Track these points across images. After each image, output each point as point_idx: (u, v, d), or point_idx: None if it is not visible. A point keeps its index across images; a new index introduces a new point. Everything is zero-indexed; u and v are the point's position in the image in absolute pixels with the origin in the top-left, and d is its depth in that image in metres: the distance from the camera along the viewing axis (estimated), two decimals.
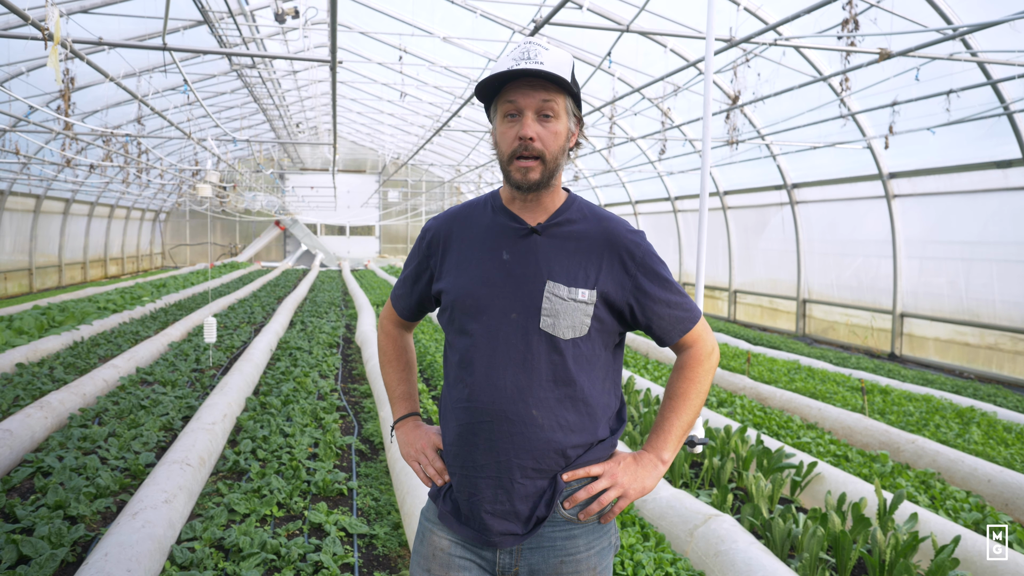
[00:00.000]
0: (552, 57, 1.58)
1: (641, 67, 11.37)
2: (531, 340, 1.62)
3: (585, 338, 1.64)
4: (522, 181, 1.61)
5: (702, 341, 1.73)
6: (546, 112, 1.59)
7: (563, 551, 1.64)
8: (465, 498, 1.67)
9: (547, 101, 1.59)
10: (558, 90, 1.60)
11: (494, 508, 1.63)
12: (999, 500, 4.60)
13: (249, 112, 19.62)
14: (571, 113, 1.65)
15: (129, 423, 5.85)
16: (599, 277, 1.65)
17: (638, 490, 1.65)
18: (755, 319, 14.77)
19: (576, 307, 1.62)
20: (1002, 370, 9.33)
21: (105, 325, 10.87)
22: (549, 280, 1.63)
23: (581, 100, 1.69)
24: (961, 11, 7.66)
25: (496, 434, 1.62)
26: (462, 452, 1.67)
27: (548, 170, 1.62)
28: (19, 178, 15.87)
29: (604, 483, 1.64)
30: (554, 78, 1.55)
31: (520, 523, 1.64)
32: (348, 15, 12.69)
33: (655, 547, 3.54)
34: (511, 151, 1.60)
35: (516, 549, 1.65)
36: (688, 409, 1.70)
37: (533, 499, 1.63)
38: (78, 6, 8.91)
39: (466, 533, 1.67)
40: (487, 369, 1.64)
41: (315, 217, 33.47)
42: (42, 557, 3.43)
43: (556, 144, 1.61)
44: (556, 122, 1.60)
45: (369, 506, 4.41)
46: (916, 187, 10.44)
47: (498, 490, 1.63)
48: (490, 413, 1.62)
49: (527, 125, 1.58)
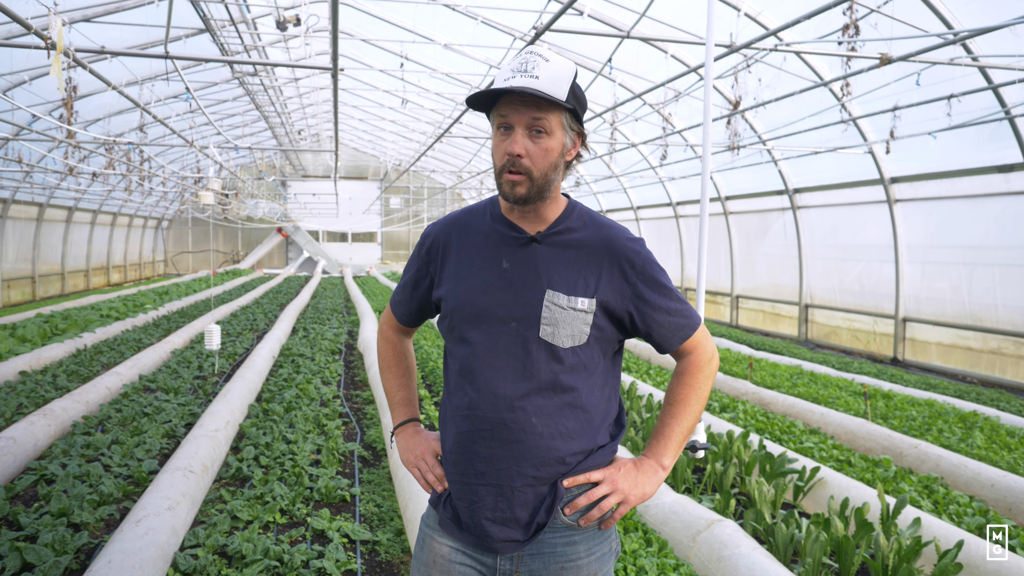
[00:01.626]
0: (550, 70, 1.55)
1: (642, 73, 11.40)
2: (530, 349, 1.63)
3: (584, 346, 1.64)
4: (509, 194, 1.62)
5: (701, 348, 1.73)
6: (537, 128, 1.58)
7: (564, 557, 1.64)
8: (465, 505, 1.67)
9: (537, 119, 1.57)
10: (551, 106, 1.57)
11: (495, 515, 1.64)
12: (1002, 505, 4.59)
13: (251, 119, 19.67)
14: (567, 128, 1.62)
15: (132, 430, 5.85)
16: (599, 286, 1.65)
17: (638, 496, 1.66)
18: (757, 324, 14.76)
19: (576, 316, 1.63)
20: (1005, 374, 9.32)
21: (108, 333, 10.89)
22: (549, 289, 1.64)
23: (584, 109, 1.66)
24: (962, 16, 7.67)
25: (496, 442, 1.63)
26: (462, 460, 1.67)
27: (536, 186, 1.61)
28: (22, 186, 15.92)
29: (604, 489, 1.64)
30: (546, 97, 1.53)
31: (521, 530, 1.64)
32: (349, 23, 12.74)
33: (658, 552, 3.54)
34: (501, 165, 1.61)
35: (517, 555, 1.66)
36: (688, 415, 1.71)
37: (533, 505, 1.64)
38: (80, 15, 8.96)
39: (467, 539, 1.68)
40: (486, 378, 1.64)
41: (317, 224, 33.53)
42: (46, 564, 3.43)
43: (546, 161, 1.59)
44: (548, 139, 1.59)
45: (372, 512, 4.41)
46: (918, 192, 10.45)
47: (498, 498, 1.63)
48: (490, 421, 1.63)
49: (516, 142, 1.58)
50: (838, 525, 3.59)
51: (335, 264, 32.42)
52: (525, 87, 1.52)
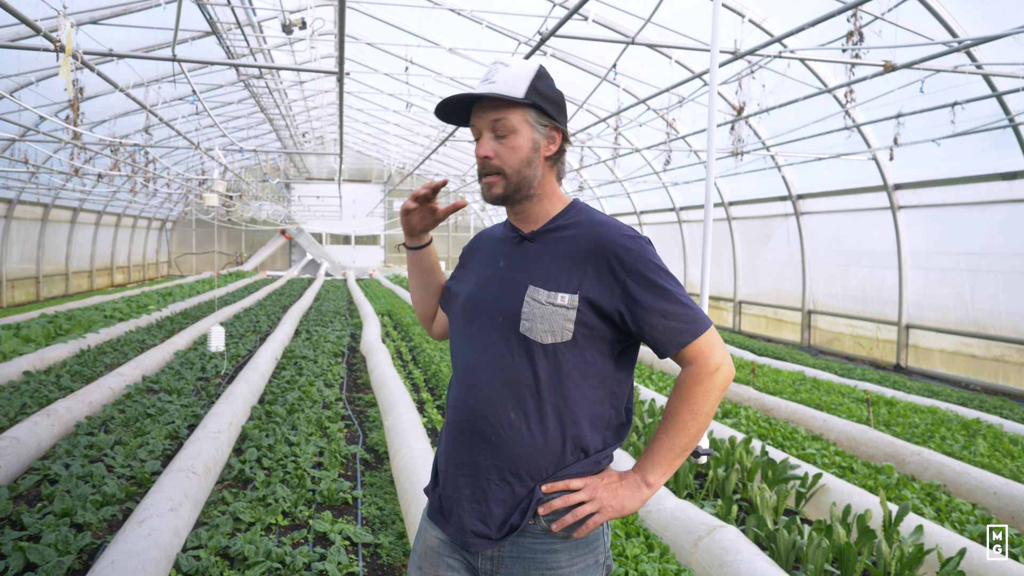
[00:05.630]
0: (508, 73, 1.63)
1: (646, 78, 11.42)
2: (512, 344, 1.65)
3: (572, 344, 1.62)
4: (487, 196, 1.70)
5: (704, 358, 1.60)
6: (499, 131, 1.66)
7: (544, 564, 1.62)
8: (449, 493, 1.71)
9: (497, 120, 1.65)
10: (509, 106, 1.64)
11: (471, 507, 1.66)
12: (1005, 513, 4.58)
13: (256, 122, 19.72)
14: (535, 124, 1.67)
15: (135, 431, 5.87)
16: (583, 282, 1.62)
17: (616, 509, 1.61)
18: (760, 330, 14.75)
19: (554, 311, 1.61)
20: (1008, 382, 9.30)
21: (111, 333, 10.91)
22: (530, 285, 1.66)
23: (557, 104, 1.70)
24: (966, 24, 7.68)
25: (476, 435, 1.65)
26: (450, 448, 1.72)
27: (512, 184, 1.68)
28: (27, 187, 15.97)
29: (582, 496, 1.61)
30: (498, 97, 1.62)
31: (494, 527, 1.64)
32: (355, 26, 12.78)
33: (659, 558, 3.54)
34: (478, 170, 1.70)
35: (497, 557, 1.64)
36: (681, 433, 1.61)
37: (509, 505, 1.63)
38: (87, 17, 8.99)
39: (451, 532, 1.70)
40: (473, 370, 1.69)
41: (320, 226, 33.58)
42: (49, 564, 3.44)
43: (515, 157, 1.66)
44: (514, 137, 1.66)
45: (374, 515, 4.42)
46: (921, 198, 10.45)
47: (475, 489, 1.65)
48: (473, 412, 1.66)
49: (482, 145, 1.67)
50: (840, 532, 3.59)
51: (338, 267, 32.46)
52: (480, 92, 1.62)
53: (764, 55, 7.22)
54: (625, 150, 14.54)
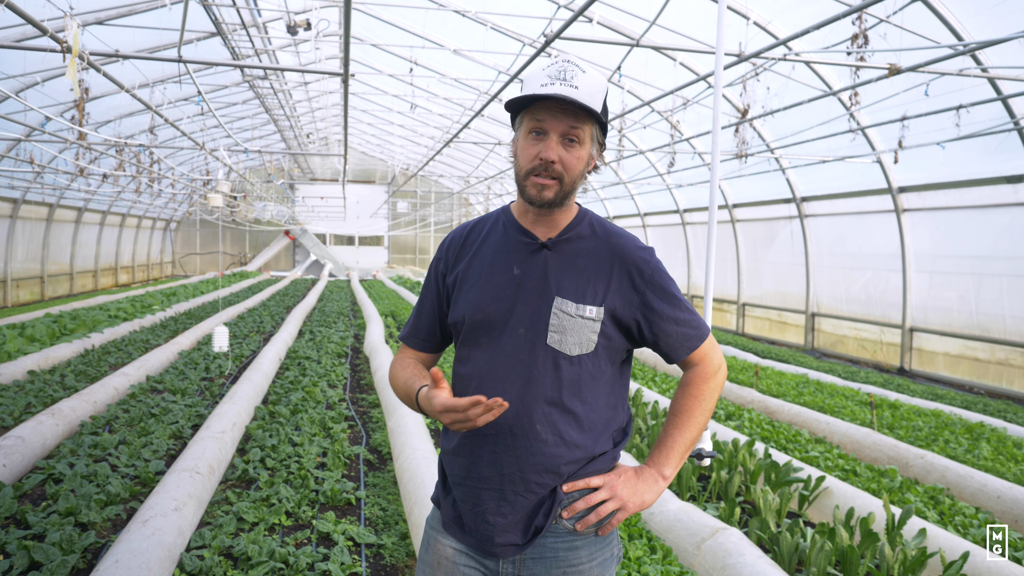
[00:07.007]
0: (587, 81, 1.58)
1: (651, 80, 11.42)
2: (537, 355, 1.64)
3: (592, 355, 1.65)
4: (536, 197, 1.64)
5: (708, 359, 1.74)
6: (571, 137, 1.61)
7: (565, 562, 1.65)
8: (468, 508, 1.69)
9: (574, 128, 1.60)
10: (587, 117, 1.61)
11: (496, 519, 1.65)
12: (1008, 517, 4.57)
13: (260, 123, 19.77)
14: (595, 140, 1.67)
15: (139, 431, 5.89)
16: (607, 294, 1.66)
17: (637, 504, 1.66)
18: (764, 332, 14.73)
19: (584, 324, 1.64)
20: (1012, 386, 9.28)
21: (116, 333, 10.94)
22: (557, 296, 1.65)
23: (607, 127, 1.70)
24: (971, 27, 7.67)
25: (500, 447, 1.64)
26: (466, 463, 1.69)
27: (564, 192, 1.64)
28: (32, 187, 16.02)
29: (603, 494, 1.65)
30: (585, 108, 1.57)
31: (520, 533, 1.65)
32: (360, 28, 12.80)
33: (662, 560, 3.54)
34: (529, 167, 1.62)
35: (519, 559, 1.66)
36: (691, 426, 1.71)
37: (533, 509, 1.65)
38: (93, 18, 9.03)
39: (469, 542, 1.70)
40: (493, 383, 1.66)
41: (324, 227, 33.64)
42: (53, 563, 3.45)
43: (577, 168, 1.63)
44: (580, 148, 1.62)
45: (377, 516, 4.43)
46: (926, 201, 10.43)
47: (501, 502, 1.65)
48: (495, 426, 1.64)
49: (551, 148, 1.60)
50: (843, 535, 3.59)
51: (342, 267, 32.51)
52: (567, 96, 1.55)
53: (769, 57, 7.22)
54: (629, 152, 14.54)
